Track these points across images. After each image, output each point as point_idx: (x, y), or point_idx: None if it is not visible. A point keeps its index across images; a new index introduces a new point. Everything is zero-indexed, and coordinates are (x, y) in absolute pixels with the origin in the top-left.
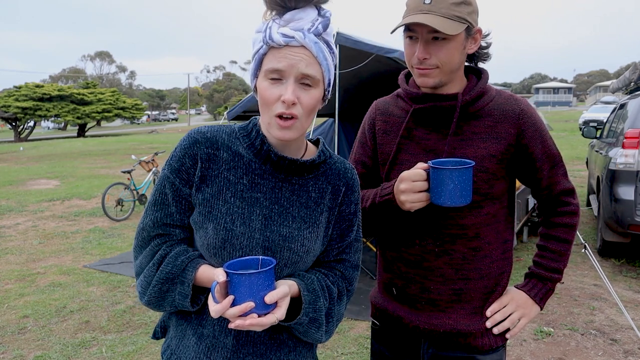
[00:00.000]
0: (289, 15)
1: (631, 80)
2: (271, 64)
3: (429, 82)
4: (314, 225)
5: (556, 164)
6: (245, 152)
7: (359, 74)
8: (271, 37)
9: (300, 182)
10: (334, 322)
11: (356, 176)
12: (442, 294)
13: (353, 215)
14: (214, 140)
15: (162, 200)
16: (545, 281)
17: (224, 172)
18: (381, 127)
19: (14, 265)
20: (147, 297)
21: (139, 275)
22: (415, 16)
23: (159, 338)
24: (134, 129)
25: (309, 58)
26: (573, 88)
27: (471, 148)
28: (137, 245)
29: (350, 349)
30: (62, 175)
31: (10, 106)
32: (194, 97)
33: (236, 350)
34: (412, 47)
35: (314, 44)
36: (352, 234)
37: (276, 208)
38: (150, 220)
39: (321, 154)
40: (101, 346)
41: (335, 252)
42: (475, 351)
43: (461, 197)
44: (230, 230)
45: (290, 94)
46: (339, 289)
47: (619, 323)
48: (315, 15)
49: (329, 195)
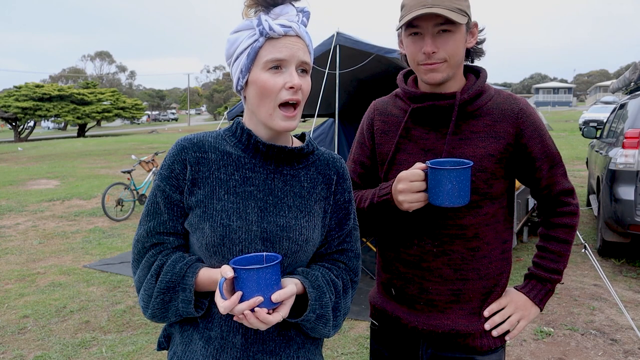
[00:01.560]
0: (279, 9)
1: (631, 80)
2: (271, 54)
3: (437, 77)
4: (310, 214)
5: (555, 164)
6: (233, 150)
7: (358, 74)
8: (271, 28)
9: (291, 172)
10: (341, 316)
11: (345, 165)
12: (440, 294)
13: (348, 203)
14: (200, 144)
15: (154, 209)
16: (545, 282)
17: (215, 172)
18: (380, 127)
19: (14, 265)
20: (150, 310)
21: (139, 290)
22: (422, 9)
23: (164, 348)
24: (134, 129)
25: (304, 47)
26: (573, 88)
27: (470, 147)
28: (134, 259)
29: (350, 349)
30: (62, 175)
31: (10, 106)
32: (194, 97)
33: (245, 348)
34: (417, 44)
35: (305, 33)
36: (350, 222)
37: (271, 199)
38: (144, 231)
39: (309, 144)
40: (101, 346)
41: (336, 243)
42: (474, 352)
43: (459, 197)
44: (227, 225)
45: (297, 79)
46: (344, 282)
47: (619, 323)
48: (295, 10)
49: (321, 184)
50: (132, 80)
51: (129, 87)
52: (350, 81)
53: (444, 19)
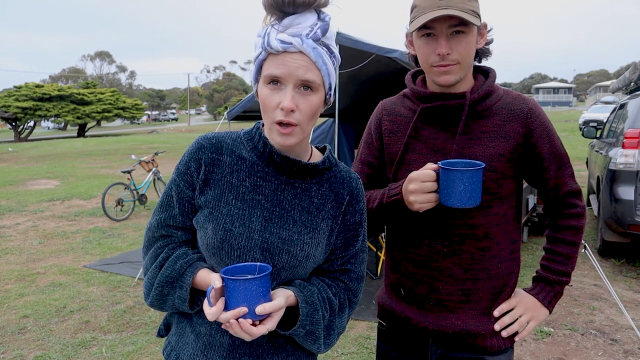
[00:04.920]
0: (288, 20)
1: (631, 80)
2: (270, 70)
3: (451, 79)
4: (315, 231)
5: (563, 165)
6: (248, 155)
7: (358, 74)
8: (269, 44)
9: (303, 186)
10: (334, 335)
11: (361, 186)
12: (450, 294)
13: (358, 225)
14: (218, 145)
15: (167, 202)
16: (554, 284)
17: (227, 176)
18: (388, 127)
19: (14, 265)
20: (150, 298)
21: (145, 275)
22: (437, 11)
23: (163, 336)
24: (134, 129)
25: (308, 64)
26: (573, 88)
27: (480, 147)
28: (144, 246)
29: (350, 349)
30: (62, 175)
31: (10, 106)
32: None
33: (232, 350)
34: (430, 46)
35: (312, 49)
36: (357, 244)
37: (277, 210)
38: (155, 221)
39: (326, 160)
40: (101, 346)
41: (339, 262)
42: (484, 352)
43: (471, 198)
44: (229, 230)
45: (288, 101)
46: (341, 301)
47: (619, 323)
48: (315, 20)
49: (331, 202)
50: (132, 80)
51: (129, 87)
52: (350, 81)
53: (458, 20)
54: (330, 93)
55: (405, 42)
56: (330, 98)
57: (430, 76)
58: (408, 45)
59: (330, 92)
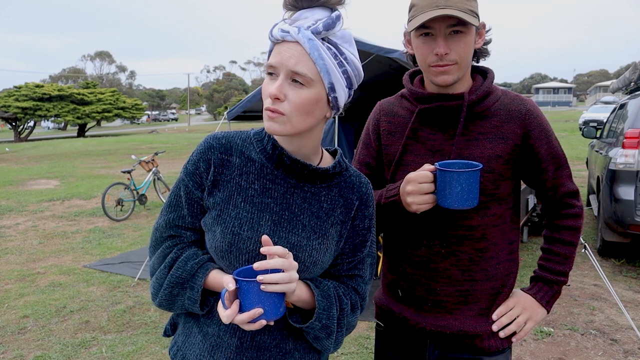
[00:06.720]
0: (298, 14)
1: (631, 80)
2: (269, 60)
3: (449, 79)
4: (324, 237)
5: (561, 166)
6: (257, 157)
7: None
8: (271, 33)
9: (312, 190)
10: (343, 332)
11: (371, 191)
12: (448, 295)
13: (367, 230)
14: (228, 146)
15: (176, 202)
16: (552, 284)
17: (236, 178)
18: (386, 128)
19: (14, 265)
20: (158, 299)
21: (152, 275)
22: (436, 11)
23: (169, 335)
24: (134, 129)
25: (301, 55)
26: (573, 88)
27: (478, 148)
28: (151, 245)
29: (350, 349)
30: (62, 175)
31: (10, 106)
32: (194, 97)
33: (239, 352)
34: (428, 45)
35: (307, 40)
36: (365, 249)
37: (286, 214)
38: (163, 221)
39: (337, 165)
40: (101, 346)
41: (346, 267)
42: (482, 353)
43: (468, 200)
44: (237, 234)
45: (274, 89)
46: (352, 301)
47: (619, 323)
48: (323, 16)
49: (340, 207)
50: (132, 80)
51: (129, 87)
52: None
53: (457, 20)
54: (334, 95)
55: (403, 41)
56: (336, 102)
57: (428, 76)
58: (406, 45)
59: (334, 94)
